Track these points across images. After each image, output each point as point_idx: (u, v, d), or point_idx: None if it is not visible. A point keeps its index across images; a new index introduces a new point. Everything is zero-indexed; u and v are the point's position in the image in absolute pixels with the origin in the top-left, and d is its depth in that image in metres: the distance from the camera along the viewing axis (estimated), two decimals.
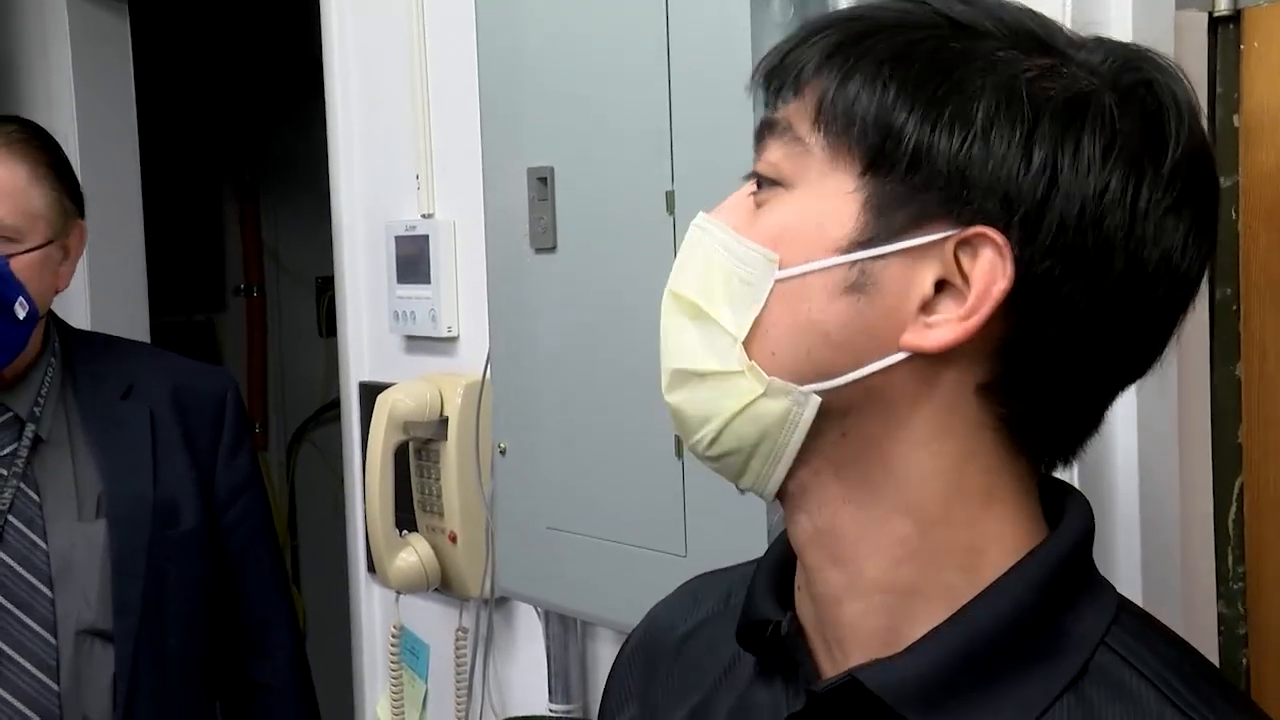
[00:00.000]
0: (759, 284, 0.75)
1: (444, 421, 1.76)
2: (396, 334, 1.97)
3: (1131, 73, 0.74)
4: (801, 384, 0.75)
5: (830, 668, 0.80)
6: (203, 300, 4.11)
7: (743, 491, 0.81)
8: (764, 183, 0.78)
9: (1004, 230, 0.71)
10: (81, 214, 1.85)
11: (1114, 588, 0.79)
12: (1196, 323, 1.15)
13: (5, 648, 1.72)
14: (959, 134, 0.72)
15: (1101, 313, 0.73)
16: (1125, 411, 1.11)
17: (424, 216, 1.89)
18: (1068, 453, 0.79)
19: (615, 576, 1.43)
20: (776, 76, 0.79)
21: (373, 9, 2.00)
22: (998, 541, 0.76)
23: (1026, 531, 0.77)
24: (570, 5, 1.44)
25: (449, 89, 1.83)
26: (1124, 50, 0.76)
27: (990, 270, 0.72)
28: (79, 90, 2.75)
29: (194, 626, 1.87)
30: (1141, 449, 1.11)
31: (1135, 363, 0.77)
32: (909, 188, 0.73)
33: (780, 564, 0.85)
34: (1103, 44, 0.76)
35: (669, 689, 0.92)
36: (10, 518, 1.74)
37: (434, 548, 1.80)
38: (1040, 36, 0.75)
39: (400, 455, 1.79)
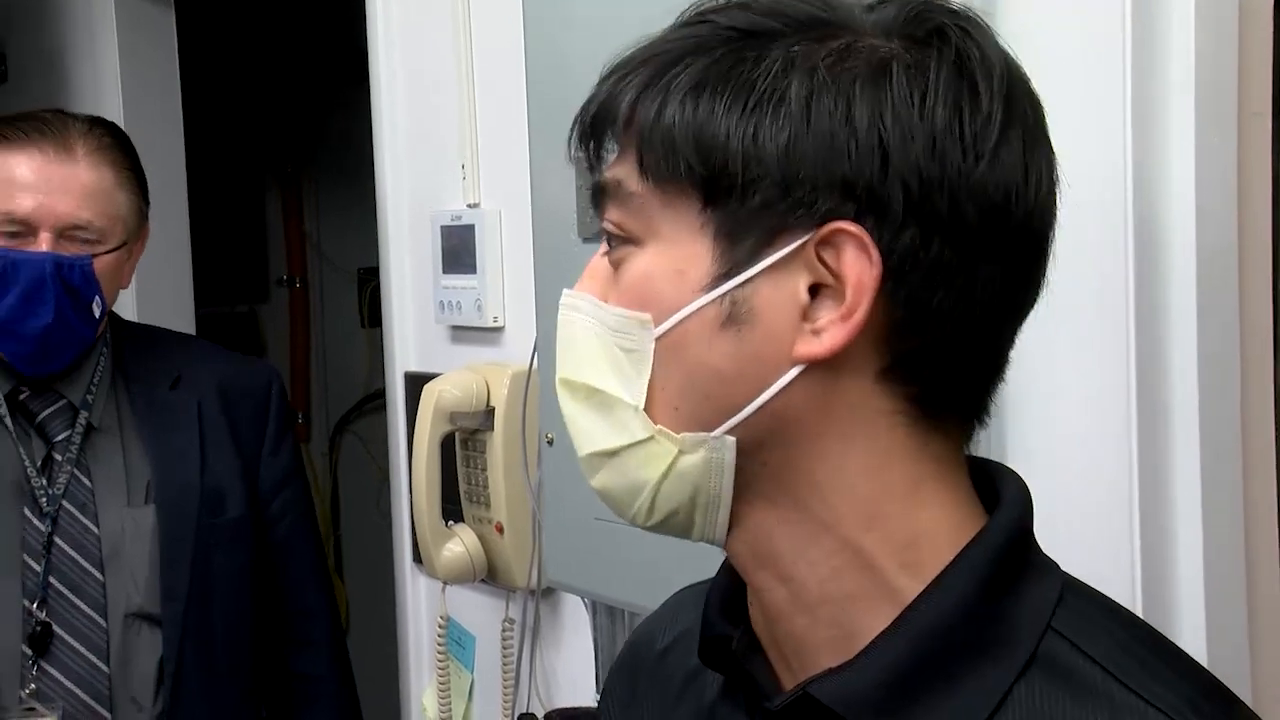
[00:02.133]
0: (641, 347, 0.75)
1: (490, 412, 1.75)
2: (442, 324, 1.96)
3: (923, 23, 0.74)
4: (711, 430, 0.75)
5: (789, 679, 0.79)
6: (246, 291, 4.12)
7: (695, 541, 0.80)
8: (614, 241, 0.78)
9: (855, 219, 0.71)
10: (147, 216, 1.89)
11: (1058, 567, 0.78)
12: (1259, 313, 1.13)
13: (58, 629, 1.75)
14: (781, 137, 0.71)
15: (973, 261, 0.72)
16: (1187, 403, 1.09)
17: (470, 206, 1.88)
18: (980, 411, 0.78)
19: (663, 567, 1.42)
20: (591, 137, 0.79)
21: None
22: (935, 533, 0.75)
23: (963, 518, 0.76)
24: None
25: (495, 77, 1.82)
26: (911, 2, 0.75)
27: (856, 263, 0.71)
28: (125, 83, 2.76)
29: (239, 614, 1.88)
30: (1204, 441, 1.09)
31: (1022, 295, 0.77)
32: (751, 207, 0.72)
33: (731, 579, 0.84)
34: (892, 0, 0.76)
35: (647, 705, 0.93)
36: (64, 502, 1.78)
37: (481, 538, 1.80)
38: (828, 19, 0.74)
39: (446, 446, 1.78)
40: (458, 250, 1.88)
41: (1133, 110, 1.07)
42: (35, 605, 1.74)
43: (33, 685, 1.73)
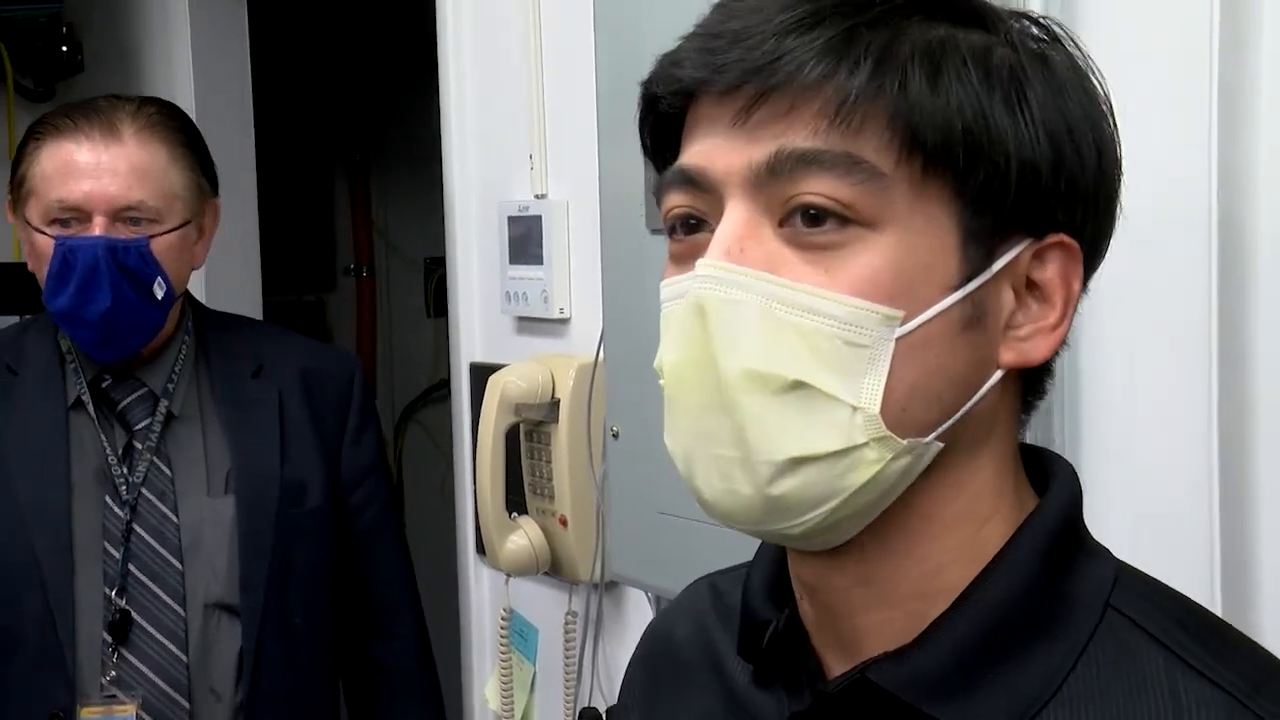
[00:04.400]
0: (876, 344, 0.68)
1: (555, 404, 1.75)
2: (508, 315, 1.96)
3: (1030, 23, 0.74)
4: (927, 434, 0.70)
5: (839, 665, 0.77)
6: (313, 280, 4.16)
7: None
8: (816, 217, 0.68)
9: (1070, 230, 0.71)
10: (215, 192, 1.89)
11: (1110, 551, 0.77)
12: None
13: (137, 617, 1.76)
14: (1041, 135, 0.69)
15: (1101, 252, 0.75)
16: (1271, 400, 1.06)
17: (537, 197, 1.87)
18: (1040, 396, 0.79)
19: (727, 562, 1.41)
20: (795, 91, 0.68)
21: None
22: (997, 513, 0.75)
23: (1020, 498, 0.76)
24: None
25: (564, 68, 1.81)
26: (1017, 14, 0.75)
27: (1067, 273, 0.72)
28: (197, 71, 2.79)
29: (319, 605, 1.88)
30: None
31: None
32: (1004, 206, 0.69)
33: (774, 567, 0.82)
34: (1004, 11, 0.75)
35: (668, 697, 0.91)
36: (143, 491, 1.79)
37: (544, 531, 1.79)
38: (980, 12, 0.72)
39: (511, 437, 1.78)
40: (524, 241, 1.88)
41: (1219, 103, 1.04)
42: (115, 593, 1.75)
43: (113, 673, 1.74)
